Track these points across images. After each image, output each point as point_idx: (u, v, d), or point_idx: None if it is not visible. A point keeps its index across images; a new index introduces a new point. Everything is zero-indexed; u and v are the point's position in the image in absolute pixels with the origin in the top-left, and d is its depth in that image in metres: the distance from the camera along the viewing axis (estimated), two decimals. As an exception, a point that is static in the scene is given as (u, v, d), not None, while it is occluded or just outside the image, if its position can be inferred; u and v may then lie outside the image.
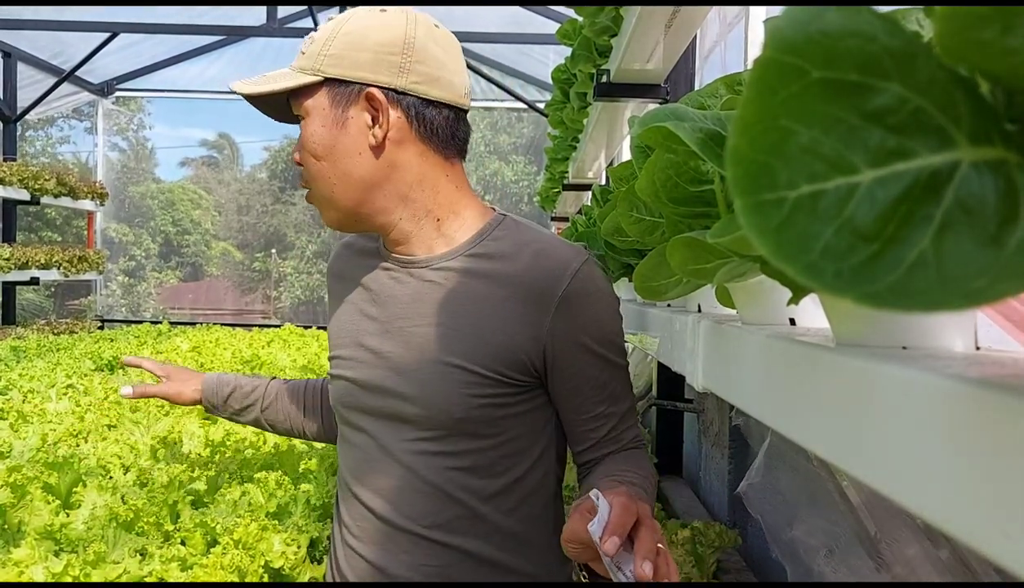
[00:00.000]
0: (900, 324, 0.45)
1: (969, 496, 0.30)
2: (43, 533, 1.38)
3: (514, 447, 1.06)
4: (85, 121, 12.08)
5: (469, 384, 1.01)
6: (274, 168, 14.86)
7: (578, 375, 1.05)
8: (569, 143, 3.95)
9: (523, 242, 1.06)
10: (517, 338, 1.02)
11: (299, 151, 1.07)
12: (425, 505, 1.04)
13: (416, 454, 1.04)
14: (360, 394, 1.09)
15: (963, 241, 0.26)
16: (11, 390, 2.99)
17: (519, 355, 1.02)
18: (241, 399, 1.39)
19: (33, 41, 7.20)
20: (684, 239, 0.60)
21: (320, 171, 1.05)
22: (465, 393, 1.01)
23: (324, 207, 1.08)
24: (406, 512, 1.05)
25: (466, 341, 1.02)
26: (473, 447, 1.04)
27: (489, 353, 1.02)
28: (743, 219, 0.25)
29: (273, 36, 6.92)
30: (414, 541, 1.05)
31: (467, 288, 1.04)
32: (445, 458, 1.04)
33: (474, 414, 1.02)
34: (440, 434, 1.03)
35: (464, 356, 1.02)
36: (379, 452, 1.07)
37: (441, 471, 1.04)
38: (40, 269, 6.64)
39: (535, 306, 1.02)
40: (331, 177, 1.04)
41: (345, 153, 1.03)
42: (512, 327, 1.02)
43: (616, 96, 2.19)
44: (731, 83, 0.75)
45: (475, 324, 1.02)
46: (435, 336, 1.03)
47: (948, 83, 0.27)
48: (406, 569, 1.05)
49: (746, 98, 0.25)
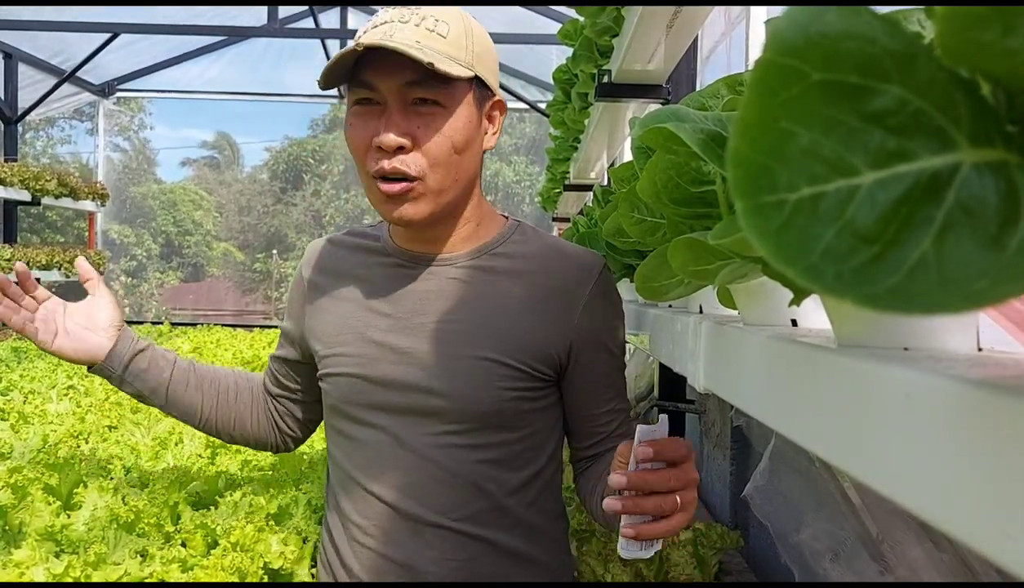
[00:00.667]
0: (902, 325, 0.45)
1: (970, 497, 0.30)
2: (44, 534, 1.38)
3: (535, 441, 1.11)
4: (86, 122, 12.09)
5: (501, 377, 1.05)
6: (275, 169, 14.87)
7: (595, 372, 1.12)
8: (570, 143, 3.95)
9: (546, 245, 1.14)
10: (546, 334, 1.08)
11: (416, 137, 1.00)
12: (453, 498, 1.06)
13: (442, 448, 1.05)
14: (373, 390, 1.08)
15: (964, 243, 0.26)
16: (12, 391, 2.99)
17: (548, 350, 1.08)
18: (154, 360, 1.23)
19: (34, 42, 7.21)
20: (685, 240, 0.59)
21: (451, 163, 1.02)
22: (496, 386, 1.05)
23: (426, 198, 1.02)
24: (434, 506, 1.05)
25: (497, 335, 1.06)
26: (499, 440, 1.07)
27: (520, 347, 1.06)
28: (743, 221, 0.25)
29: (274, 36, 6.92)
30: (441, 535, 1.06)
31: (494, 286, 1.09)
32: (472, 451, 1.06)
33: (504, 407, 1.06)
34: (469, 427, 1.06)
35: (495, 349, 1.05)
36: (397, 447, 1.07)
37: (469, 464, 1.06)
38: (41, 270, 6.64)
39: (563, 305, 1.09)
40: (456, 171, 1.04)
41: (473, 152, 1.07)
42: (541, 323, 1.08)
43: (617, 96, 2.19)
44: (732, 84, 0.75)
45: (505, 319, 1.07)
46: (463, 331, 1.06)
47: (949, 84, 0.27)
48: (433, 564, 1.05)
49: (746, 100, 0.25)
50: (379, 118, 1.00)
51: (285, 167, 14.68)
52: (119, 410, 2.53)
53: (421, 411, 1.06)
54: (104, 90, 8.75)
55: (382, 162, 1.00)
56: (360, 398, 1.09)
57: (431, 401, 1.05)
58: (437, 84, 0.99)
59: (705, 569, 1.51)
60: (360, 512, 1.09)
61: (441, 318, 1.07)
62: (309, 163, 14.38)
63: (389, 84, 0.99)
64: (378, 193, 1.02)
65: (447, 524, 1.05)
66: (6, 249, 6.14)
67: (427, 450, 1.06)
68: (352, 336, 1.11)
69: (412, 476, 1.06)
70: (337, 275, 1.16)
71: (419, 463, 1.06)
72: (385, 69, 0.98)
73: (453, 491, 1.06)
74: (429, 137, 1.00)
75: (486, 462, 1.07)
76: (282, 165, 14.74)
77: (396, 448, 1.07)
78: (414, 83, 0.99)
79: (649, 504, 0.84)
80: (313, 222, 13.74)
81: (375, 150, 1.01)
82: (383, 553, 1.07)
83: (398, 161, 1.00)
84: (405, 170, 1.00)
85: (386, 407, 1.07)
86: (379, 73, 0.99)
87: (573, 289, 1.10)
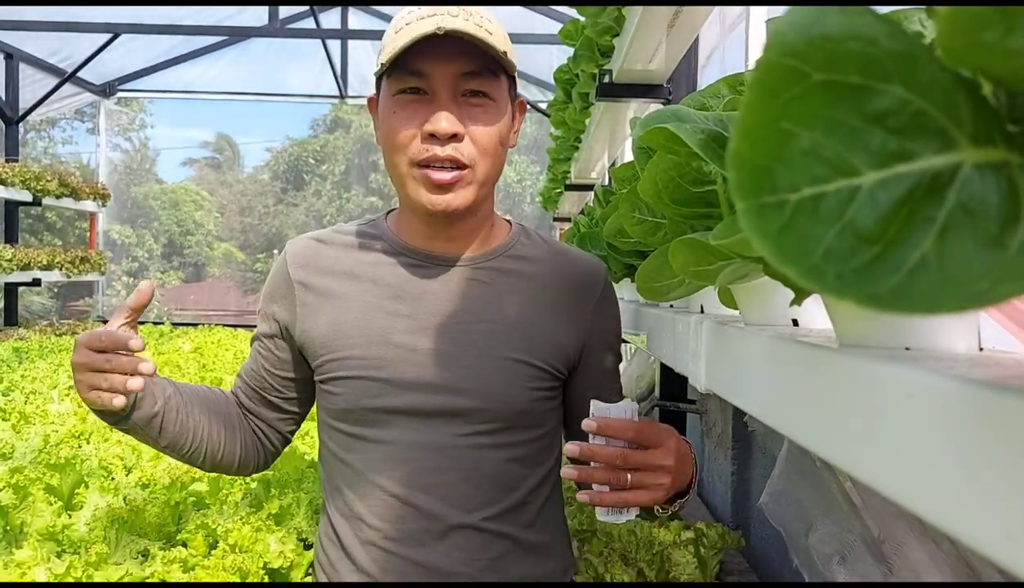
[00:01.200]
0: (903, 325, 0.45)
1: (972, 497, 0.30)
2: (45, 534, 1.39)
3: (551, 439, 1.15)
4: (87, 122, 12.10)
5: (529, 377, 1.08)
6: (276, 169, 14.88)
7: (600, 369, 1.18)
8: (571, 143, 3.95)
9: (551, 248, 1.18)
10: (564, 335, 1.12)
11: (467, 126, 1.02)
12: (480, 498, 1.06)
13: (470, 448, 1.06)
14: (396, 392, 1.05)
15: (965, 243, 0.26)
16: (13, 391, 3.00)
17: (567, 350, 1.12)
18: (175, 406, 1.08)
19: (35, 42, 7.21)
20: (687, 241, 0.59)
21: (496, 155, 1.06)
22: (525, 386, 1.08)
23: (472, 187, 1.04)
24: (462, 506, 1.05)
25: (522, 337, 1.09)
26: (523, 438, 1.09)
27: (543, 347, 1.10)
28: (745, 222, 0.25)
29: (275, 36, 6.92)
30: (468, 535, 1.06)
31: (513, 287, 1.11)
32: (499, 450, 1.07)
33: (532, 406, 1.09)
34: (497, 427, 1.07)
35: (522, 350, 1.08)
36: (422, 449, 1.05)
37: (496, 463, 1.07)
38: (42, 270, 6.64)
39: (576, 307, 1.14)
40: (498, 164, 1.08)
41: (506, 146, 1.09)
42: (560, 324, 1.12)
43: (618, 96, 2.19)
44: (733, 84, 0.75)
45: (528, 321, 1.10)
46: (489, 332, 1.08)
47: (950, 85, 0.27)
48: (461, 564, 1.05)
49: (748, 101, 0.25)
50: (427, 108, 1.01)
51: (286, 167, 14.69)
52: (120, 410, 2.53)
53: (450, 412, 1.05)
54: (105, 90, 8.75)
55: (434, 149, 1.01)
56: (379, 400, 1.06)
57: (462, 402, 1.05)
58: (490, 76, 1.02)
59: (706, 569, 1.51)
60: (379, 515, 1.06)
61: (465, 319, 1.07)
62: (310, 163, 14.38)
63: (444, 74, 1.00)
64: (425, 182, 1.02)
65: (474, 523, 1.06)
66: (7, 249, 6.14)
67: (455, 451, 1.05)
68: (365, 338, 1.07)
69: (439, 477, 1.05)
70: (335, 274, 1.12)
71: (446, 464, 1.05)
72: (441, 59, 0.99)
73: (480, 490, 1.06)
74: (480, 128, 1.03)
75: (512, 461, 1.08)
76: (283, 165, 14.74)
77: (421, 449, 1.05)
78: (470, 74, 1.01)
79: (599, 475, 0.92)
80: (314, 222, 13.74)
81: (425, 138, 1.01)
82: (406, 555, 1.05)
83: (451, 148, 1.01)
84: (459, 158, 1.01)
85: (410, 409, 1.05)
86: (434, 62, 1.00)
87: (585, 292, 1.15)
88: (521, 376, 1.07)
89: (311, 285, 1.12)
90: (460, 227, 1.09)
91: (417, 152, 1.02)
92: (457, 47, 0.98)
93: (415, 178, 1.03)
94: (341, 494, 1.11)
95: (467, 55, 0.99)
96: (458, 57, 0.99)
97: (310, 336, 1.11)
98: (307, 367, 1.15)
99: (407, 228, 1.12)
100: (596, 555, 1.46)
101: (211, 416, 1.13)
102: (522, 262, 1.13)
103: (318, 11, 7.20)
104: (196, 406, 1.11)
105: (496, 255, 1.12)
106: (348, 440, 1.09)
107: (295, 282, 1.13)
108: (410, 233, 1.12)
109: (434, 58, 0.99)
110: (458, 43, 0.97)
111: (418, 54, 0.99)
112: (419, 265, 1.10)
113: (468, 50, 0.99)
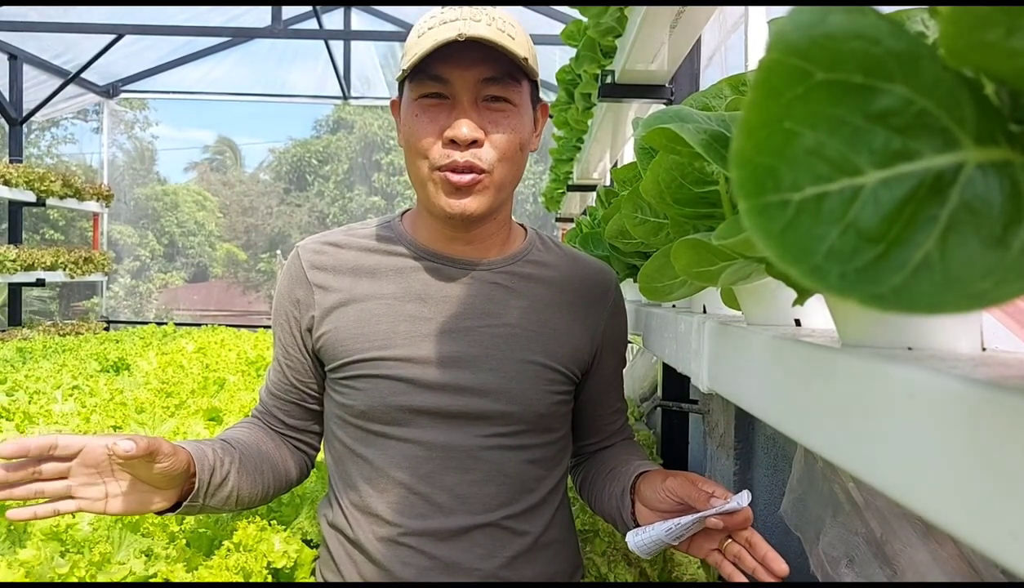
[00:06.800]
0: (906, 325, 0.45)
1: (975, 497, 0.30)
2: (49, 534, 1.39)
3: (565, 441, 1.18)
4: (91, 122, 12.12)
5: (551, 381, 1.10)
6: (278, 170, 14.90)
7: (609, 373, 1.21)
8: (574, 144, 3.95)
9: (564, 253, 1.20)
10: (581, 339, 1.14)
11: (487, 132, 1.02)
12: (502, 497, 1.08)
13: (492, 449, 1.07)
14: (419, 393, 1.05)
15: (968, 242, 0.26)
16: (17, 391, 3.00)
17: (583, 355, 1.14)
18: (221, 463, 1.07)
19: (39, 43, 7.22)
20: (689, 241, 0.59)
21: (515, 160, 1.07)
22: (547, 390, 1.10)
23: (489, 191, 1.04)
24: (484, 505, 1.07)
25: (544, 341, 1.10)
26: (542, 441, 1.12)
27: (563, 351, 1.12)
28: (747, 222, 0.25)
29: (278, 37, 6.92)
30: (489, 532, 1.07)
31: (532, 291, 1.13)
32: (520, 452, 1.09)
33: (552, 410, 1.11)
34: (519, 429, 1.09)
35: (544, 354, 1.10)
36: (441, 449, 1.06)
37: (517, 464, 1.09)
38: (46, 270, 6.65)
39: (591, 311, 1.16)
40: (517, 168, 1.08)
41: (527, 152, 1.10)
42: (577, 329, 1.14)
43: (621, 97, 2.19)
44: (735, 84, 0.75)
45: (547, 325, 1.11)
46: (512, 335, 1.09)
47: (953, 84, 0.27)
48: (481, 561, 1.07)
49: (750, 100, 0.25)
50: (448, 113, 1.02)
51: (288, 168, 14.71)
52: (123, 410, 2.53)
53: (474, 414, 1.06)
54: (109, 91, 8.77)
55: (454, 155, 1.01)
56: (402, 401, 1.06)
57: (485, 404, 1.06)
58: (511, 82, 1.03)
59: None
60: (398, 510, 1.07)
61: (487, 322, 1.08)
62: (313, 164, 14.40)
63: (465, 79, 1.01)
64: (444, 185, 1.03)
65: (496, 522, 1.08)
66: (11, 249, 6.15)
67: (478, 452, 1.07)
68: (387, 339, 1.07)
69: (462, 476, 1.07)
70: (356, 276, 1.11)
71: (470, 464, 1.07)
72: (462, 64, 1.00)
73: (502, 491, 1.08)
74: (500, 133, 1.03)
75: (531, 462, 1.10)
76: (285, 166, 14.77)
77: (444, 449, 1.06)
78: (491, 80, 1.01)
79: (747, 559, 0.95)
80: (316, 223, 13.75)
81: (446, 143, 1.02)
82: (427, 551, 1.06)
83: (470, 154, 1.02)
84: (478, 163, 1.02)
85: (435, 410, 1.06)
86: (455, 68, 1.00)
87: (598, 298, 1.17)
88: (542, 380, 1.09)
89: (331, 287, 1.12)
90: (479, 231, 1.10)
91: (438, 157, 1.02)
92: (479, 53, 0.98)
93: (435, 181, 1.04)
94: (356, 488, 1.10)
95: (488, 61, 1.00)
96: (479, 63, 1.00)
97: (333, 337, 1.10)
98: (321, 367, 1.16)
99: (425, 231, 1.12)
100: (599, 555, 1.46)
101: (253, 475, 1.10)
102: (539, 267, 1.15)
103: (321, 12, 7.21)
104: (233, 473, 1.07)
105: (515, 260, 1.14)
106: (367, 436, 1.09)
107: (313, 285, 1.12)
108: (429, 236, 1.12)
109: (455, 64, 1.00)
110: (480, 48, 0.98)
111: (440, 59, 0.99)
112: (441, 268, 1.11)
113: (490, 56, 0.99)
